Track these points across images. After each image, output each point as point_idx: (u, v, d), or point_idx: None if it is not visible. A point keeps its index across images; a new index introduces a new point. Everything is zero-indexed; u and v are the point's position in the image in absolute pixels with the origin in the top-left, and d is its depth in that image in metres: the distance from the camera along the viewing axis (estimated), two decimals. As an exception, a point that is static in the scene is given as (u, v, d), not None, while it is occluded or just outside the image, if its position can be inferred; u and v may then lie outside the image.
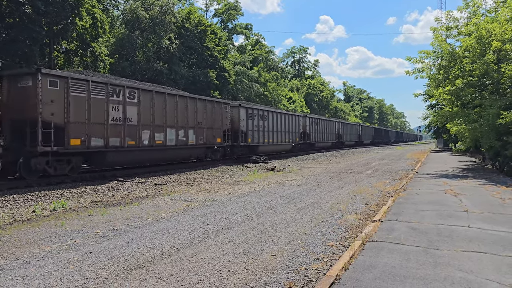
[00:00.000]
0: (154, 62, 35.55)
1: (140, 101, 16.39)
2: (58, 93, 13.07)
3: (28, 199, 10.49)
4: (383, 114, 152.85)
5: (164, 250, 5.93)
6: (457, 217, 7.68)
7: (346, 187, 13.10)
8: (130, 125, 15.92)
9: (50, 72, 13.14)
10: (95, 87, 14.40)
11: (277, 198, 10.75)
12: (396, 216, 7.79)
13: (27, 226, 7.60)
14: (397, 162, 25.56)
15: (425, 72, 18.75)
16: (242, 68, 48.66)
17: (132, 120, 16.01)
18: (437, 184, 13.07)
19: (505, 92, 16.42)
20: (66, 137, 13.32)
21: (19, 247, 6.13)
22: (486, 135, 16.58)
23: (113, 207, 9.67)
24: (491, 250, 5.52)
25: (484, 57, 16.15)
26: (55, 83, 13.03)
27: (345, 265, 4.88)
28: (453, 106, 18.99)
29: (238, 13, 58.19)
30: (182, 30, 40.52)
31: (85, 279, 4.72)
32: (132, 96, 16.04)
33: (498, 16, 17.52)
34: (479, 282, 4.35)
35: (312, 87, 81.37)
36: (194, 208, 9.41)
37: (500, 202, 9.43)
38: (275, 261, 5.37)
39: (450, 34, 19.08)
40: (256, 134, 26.96)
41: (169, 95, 18.35)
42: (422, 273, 4.65)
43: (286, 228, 7.27)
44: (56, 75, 13.20)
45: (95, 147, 14.40)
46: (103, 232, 7.04)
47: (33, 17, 23.32)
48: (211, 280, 4.68)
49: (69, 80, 13.40)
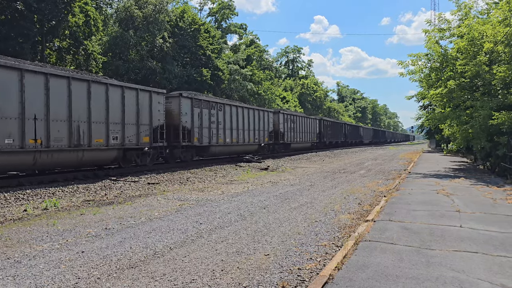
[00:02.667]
0: (148, 61, 35.42)
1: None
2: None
3: (20, 198, 10.39)
4: (376, 115, 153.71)
5: (157, 249, 5.91)
6: (449, 217, 7.74)
7: (339, 187, 13.14)
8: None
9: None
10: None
11: (270, 198, 10.75)
12: (389, 216, 7.82)
13: (18, 225, 7.53)
14: (390, 162, 25.71)
15: (417, 76, 18.90)
16: (235, 67, 48.60)
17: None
18: (429, 184, 13.16)
19: (497, 93, 16.55)
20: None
21: (10, 246, 6.06)
22: (478, 136, 16.72)
23: (105, 206, 9.61)
24: (482, 250, 5.57)
25: (476, 59, 16.29)
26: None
27: (338, 265, 4.89)
28: (445, 107, 19.13)
29: (233, 12, 58.18)
30: (175, 29, 40.41)
31: (77, 279, 4.68)
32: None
33: (491, 18, 17.67)
34: (471, 282, 4.39)
35: (305, 87, 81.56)
36: (187, 207, 9.38)
37: (492, 202, 9.52)
38: (268, 261, 5.37)
39: (443, 35, 19.22)
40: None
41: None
42: (415, 272, 4.68)
43: (280, 228, 7.27)
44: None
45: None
46: (95, 231, 6.99)
47: (25, 14, 23.10)
48: (204, 280, 4.67)
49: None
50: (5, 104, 11.65)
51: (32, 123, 12.41)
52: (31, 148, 12.34)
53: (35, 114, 12.53)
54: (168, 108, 19.72)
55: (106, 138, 15.21)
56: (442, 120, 19.40)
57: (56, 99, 13.22)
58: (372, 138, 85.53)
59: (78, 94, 14.06)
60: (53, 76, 13.12)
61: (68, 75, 13.76)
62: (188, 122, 20.57)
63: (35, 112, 12.51)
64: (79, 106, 14.06)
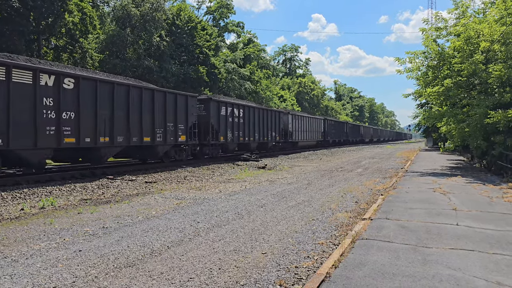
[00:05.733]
0: (145, 60, 35.33)
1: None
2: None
3: (17, 197, 10.36)
4: (374, 113, 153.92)
5: (155, 248, 5.91)
6: (446, 215, 7.78)
7: (336, 186, 13.17)
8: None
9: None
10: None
11: (268, 196, 10.77)
12: (386, 214, 7.85)
13: (15, 224, 7.51)
14: (387, 161, 25.77)
15: (414, 73, 18.93)
16: (233, 66, 48.56)
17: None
18: (426, 182, 13.21)
19: (493, 92, 16.61)
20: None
21: (7, 245, 6.05)
22: (474, 135, 16.78)
23: (103, 205, 9.59)
24: (478, 248, 5.60)
25: (472, 58, 16.34)
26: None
27: (335, 263, 4.91)
28: (442, 105, 19.19)
29: (230, 11, 58.13)
30: (172, 27, 40.33)
31: (74, 278, 4.68)
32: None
33: (487, 17, 17.73)
34: (467, 280, 4.41)
35: (303, 85, 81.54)
36: (184, 206, 9.38)
37: (488, 200, 9.57)
38: (265, 259, 5.38)
39: (440, 34, 19.27)
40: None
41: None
42: (411, 270, 4.70)
43: (277, 226, 7.29)
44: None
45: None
46: (92, 230, 6.98)
47: (21, 11, 22.97)
48: (202, 278, 4.67)
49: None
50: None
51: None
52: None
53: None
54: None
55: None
56: (439, 118, 19.46)
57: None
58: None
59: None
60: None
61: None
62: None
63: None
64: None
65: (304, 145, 41.56)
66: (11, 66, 11.59)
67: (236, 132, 25.35)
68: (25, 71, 12.02)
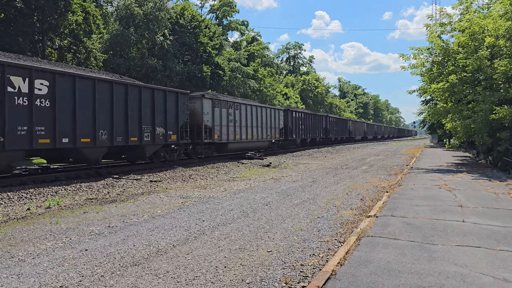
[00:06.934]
0: (149, 59, 35.39)
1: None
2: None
3: (23, 197, 10.43)
4: (378, 110, 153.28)
5: (160, 247, 5.93)
6: (452, 212, 7.74)
7: (341, 183, 13.14)
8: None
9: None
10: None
11: (272, 194, 10.77)
12: (391, 212, 7.83)
13: (21, 224, 7.56)
14: (392, 158, 25.68)
15: (418, 69, 18.83)
16: (237, 64, 48.53)
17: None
18: (431, 179, 13.15)
19: (498, 87, 16.50)
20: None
21: (14, 245, 6.09)
22: (479, 131, 16.68)
23: (108, 204, 9.64)
24: (485, 245, 5.57)
25: (477, 53, 16.22)
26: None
27: (340, 261, 4.90)
28: (447, 102, 19.08)
29: (233, 10, 58.09)
30: (176, 26, 40.37)
31: (80, 277, 4.71)
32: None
33: (492, 12, 17.59)
34: (473, 276, 4.39)
35: (307, 83, 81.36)
36: (189, 205, 9.40)
37: (494, 196, 9.51)
38: (271, 257, 5.38)
39: (444, 30, 19.15)
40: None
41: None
42: (417, 267, 4.68)
43: (282, 224, 7.29)
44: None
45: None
46: (98, 229, 7.02)
47: (25, 12, 23.08)
48: (207, 277, 4.69)
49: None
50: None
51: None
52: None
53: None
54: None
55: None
56: (444, 114, 19.37)
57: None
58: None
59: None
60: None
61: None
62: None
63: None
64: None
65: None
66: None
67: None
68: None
